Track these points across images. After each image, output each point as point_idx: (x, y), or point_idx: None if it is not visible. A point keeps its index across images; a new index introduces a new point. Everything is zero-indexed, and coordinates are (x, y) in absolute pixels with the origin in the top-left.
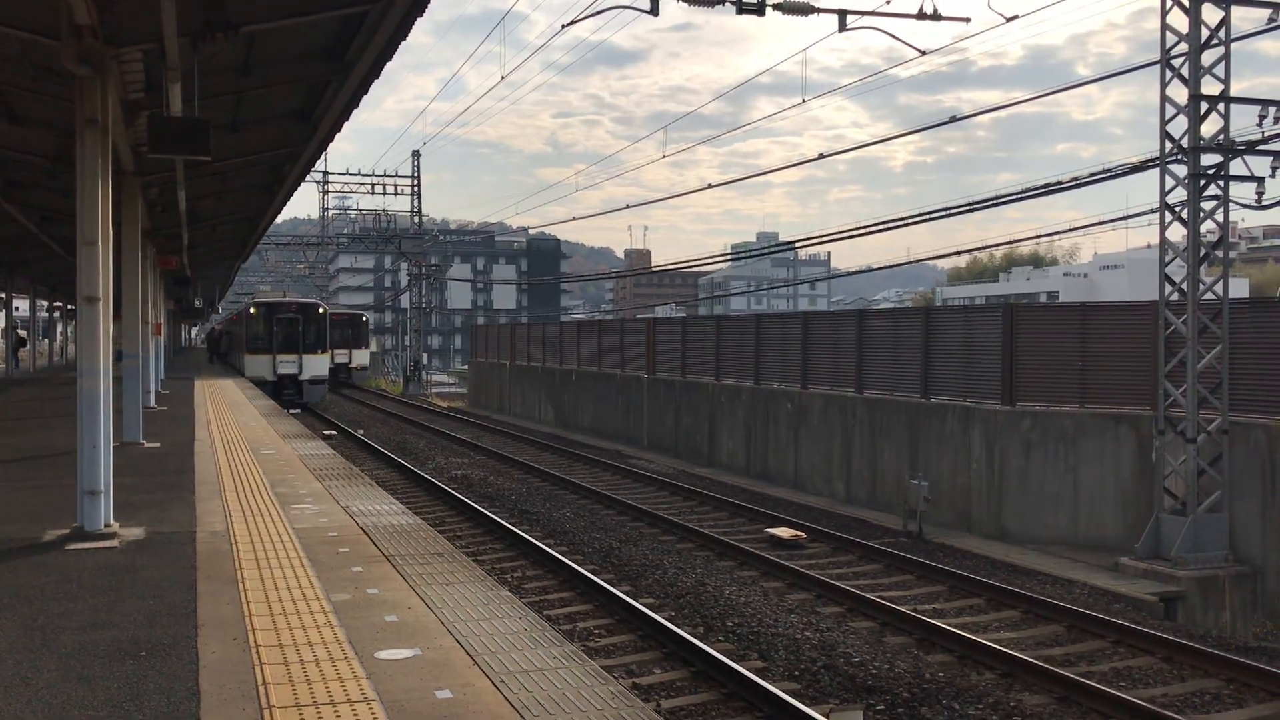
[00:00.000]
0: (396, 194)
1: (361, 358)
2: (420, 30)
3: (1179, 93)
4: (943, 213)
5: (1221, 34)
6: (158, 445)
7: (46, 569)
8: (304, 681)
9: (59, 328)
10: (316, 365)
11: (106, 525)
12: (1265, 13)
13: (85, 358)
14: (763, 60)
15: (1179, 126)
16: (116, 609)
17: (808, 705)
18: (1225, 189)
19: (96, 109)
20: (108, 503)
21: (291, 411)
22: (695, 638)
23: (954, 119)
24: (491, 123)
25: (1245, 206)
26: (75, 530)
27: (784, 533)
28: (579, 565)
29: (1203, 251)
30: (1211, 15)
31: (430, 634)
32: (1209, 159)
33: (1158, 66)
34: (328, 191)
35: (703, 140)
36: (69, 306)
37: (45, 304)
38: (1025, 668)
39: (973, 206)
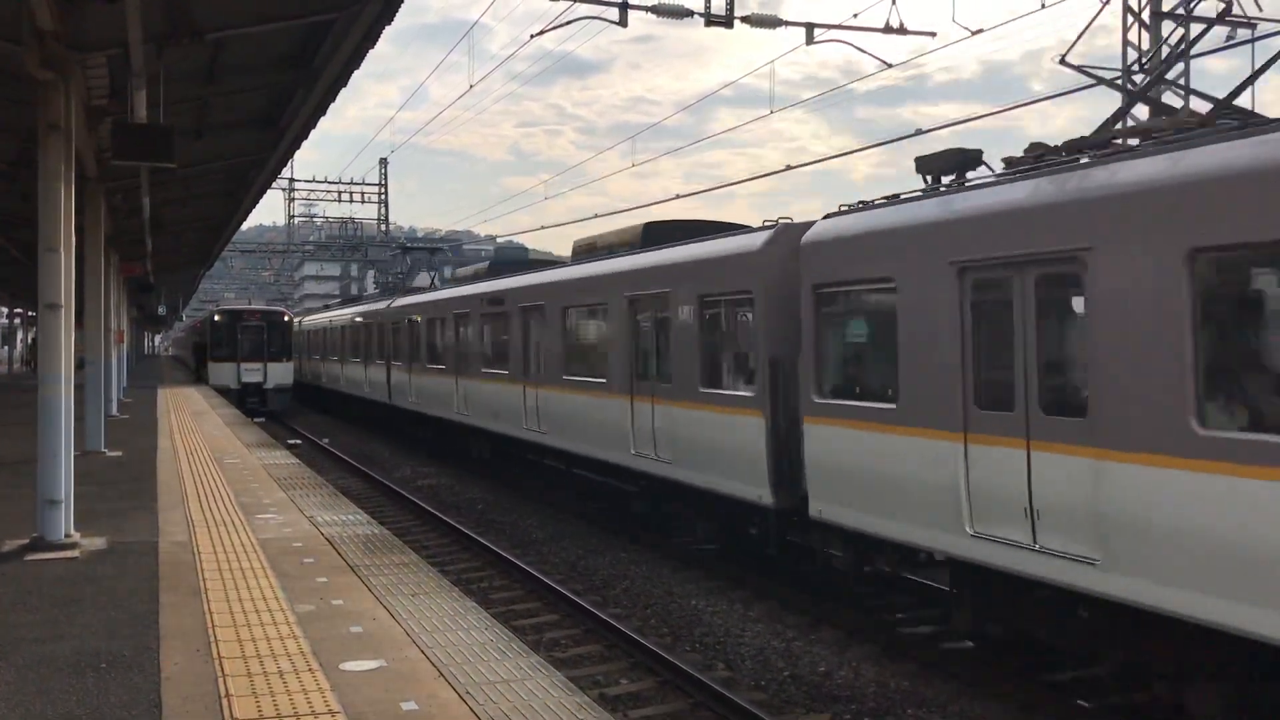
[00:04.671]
0: (363, 201)
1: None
2: (382, 39)
3: (1141, 110)
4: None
5: (1181, 50)
6: (120, 454)
7: (4, 580)
8: (268, 693)
9: (19, 334)
10: (281, 373)
11: (67, 535)
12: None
13: (46, 365)
14: (722, 72)
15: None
16: (77, 620)
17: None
18: None
19: (59, 114)
20: (68, 512)
21: (256, 420)
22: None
23: (919, 132)
24: (454, 132)
25: None
26: (35, 540)
27: None
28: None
29: None
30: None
31: (396, 645)
32: None
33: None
34: (294, 199)
35: (667, 151)
36: (29, 313)
37: (5, 310)
38: None
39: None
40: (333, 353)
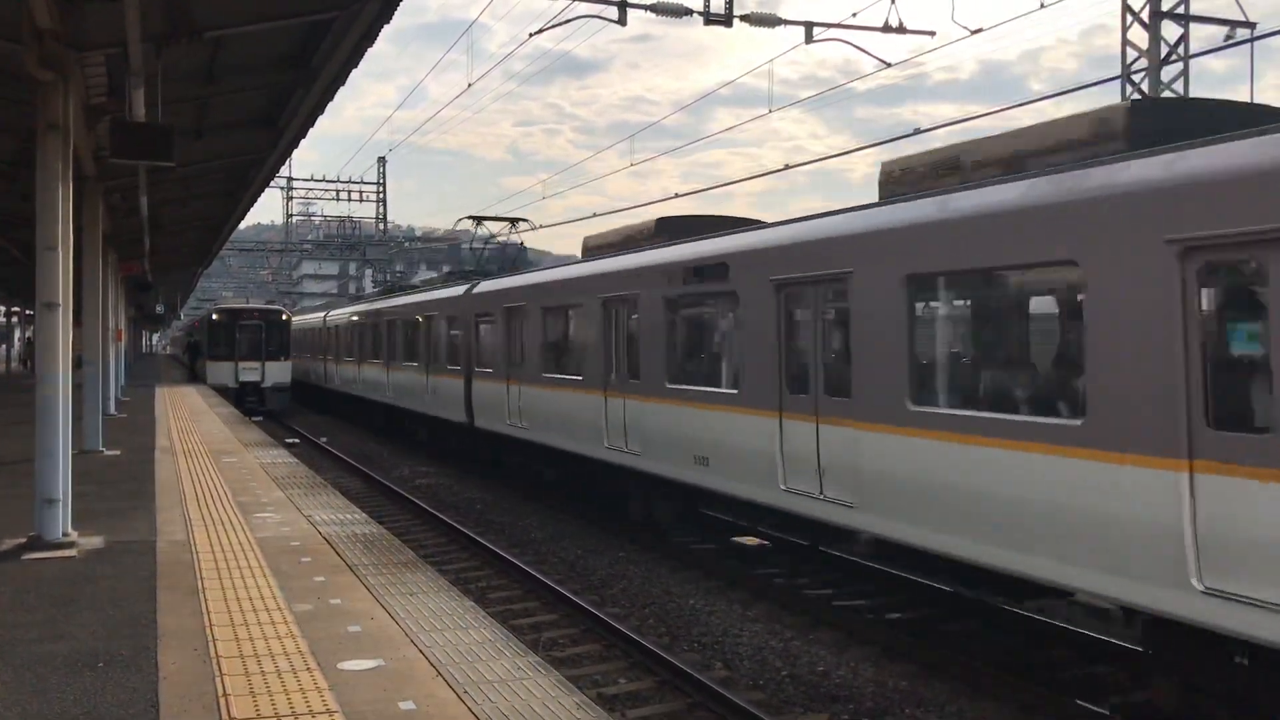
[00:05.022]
0: (361, 200)
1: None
2: (380, 38)
3: None
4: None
5: (1180, 50)
6: (118, 453)
7: (2, 579)
8: (265, 693)
9: (17, 333)
10: (279, 372)
11: (65, 534)
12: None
13: (44, 364)
14: (721, 72)
15: None
16: (74, 620)
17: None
18: None
19: (58, 113)
20: (66, 511)
21: (254, 419)
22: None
23: (918, 131)
24: (453, 131)
25: None
26: (32, 539)
27: None
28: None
29: None
30: (1170, 32)
31: (394, 644)
32: None
33: (1117, 82)
34: (292, 197)
35: (666, 151)
36: (27, 312)
37: (2, 309)
38: None
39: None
40: (377, 354)
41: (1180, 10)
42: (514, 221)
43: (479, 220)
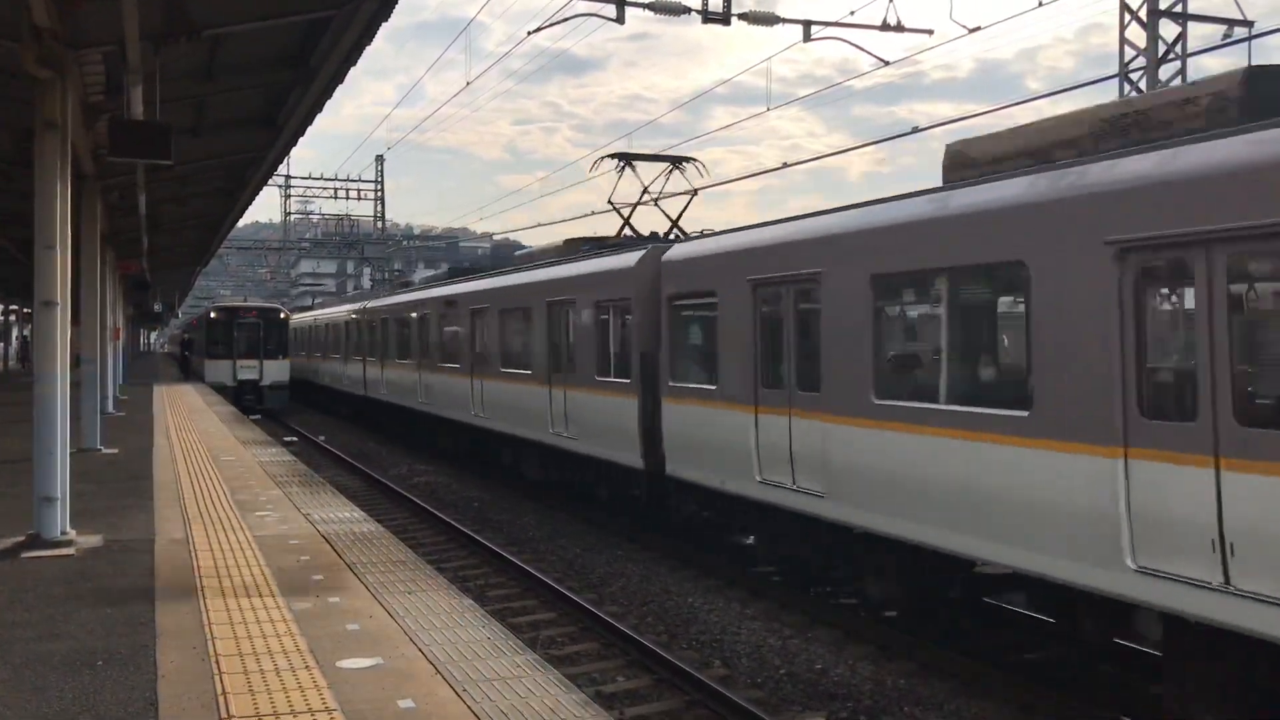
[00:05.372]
0: (359, 199)
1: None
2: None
3: None
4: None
5: (1178, 48)
6: (116, 451)
7: (0, 578)
8: (264, 691)
9: (14, 331)
10: (277, 371)
11: (63, 533)
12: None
13: (42, 363)
14: (719, 71)
15: None
16: (73, 618)
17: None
18: None
19: (56, 112)
20: (64, 510)
21: (252, 418)
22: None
23: (916, 130)
24: (450, 129)
25: None
26: (31, 538)
27: None
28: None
29: None
30: (1168, 31)
31: (393, 642)
32: None
33: (1115, 80)
34: (290, 196)
35: (664, 149)
36: (25, 310)
37: (1, 307)
38: None
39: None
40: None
41: (1178, 9)
42: (677, 162)
43: (627, 161)
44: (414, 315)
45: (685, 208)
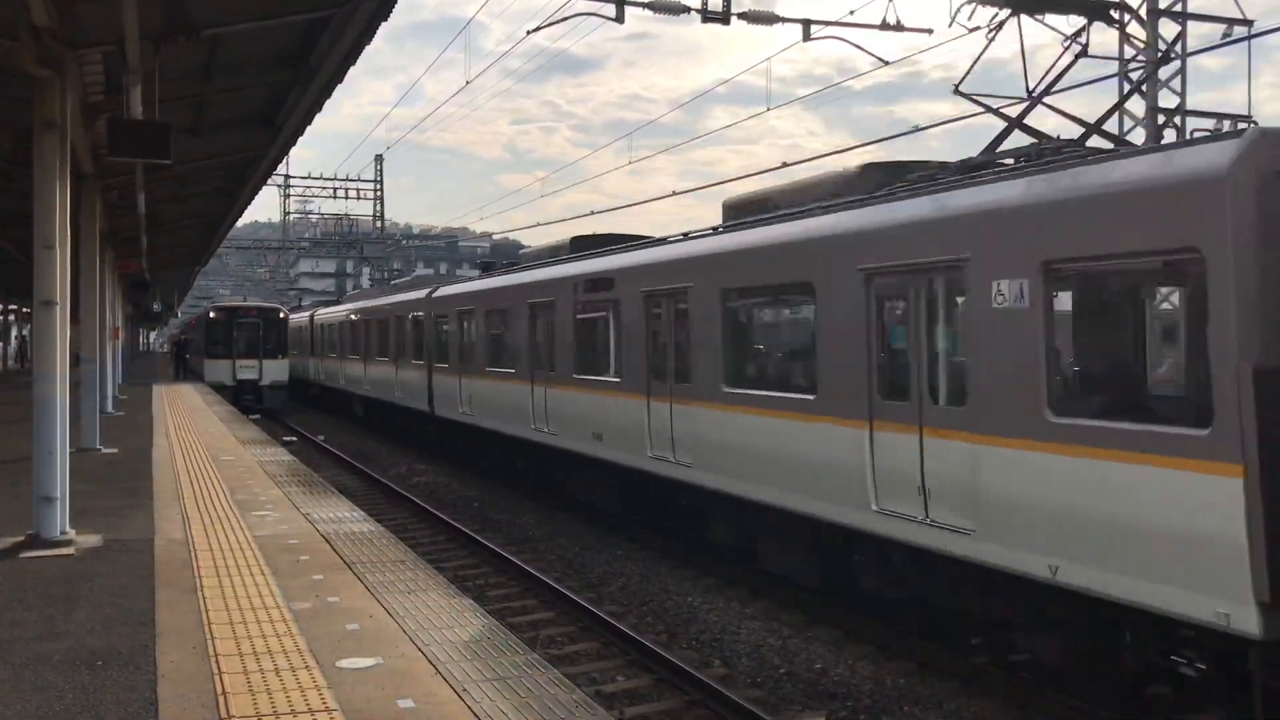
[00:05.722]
0: (359, 198)
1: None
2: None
3: (1136, 106)
4: None
5: (1178, 48)
6: (115, 451)
7: (0, 578)
8: (264, 691)
9: (13, 331)
10: (276, 370)
11: (63, 533)
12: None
13: (42, 362)
14: (718, 70)
15: (1136, 140)
16: (72, 618)
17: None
18: None
19: (55, 111)
20: (64, 510)
21: (251, 417)
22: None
23: (916, 129)
24: (450, 129)
25: None
26: (30, 538)
27: None
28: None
29: None
30: (1168, 30)
31: (392, 642)
32: None
33: (1114, 80)
34: (289, 195)
35: (664, 149)
36: (24, 310)
37: (0, 307)
38: None
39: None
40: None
41: (1178, 8)
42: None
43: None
44: (535, 305)
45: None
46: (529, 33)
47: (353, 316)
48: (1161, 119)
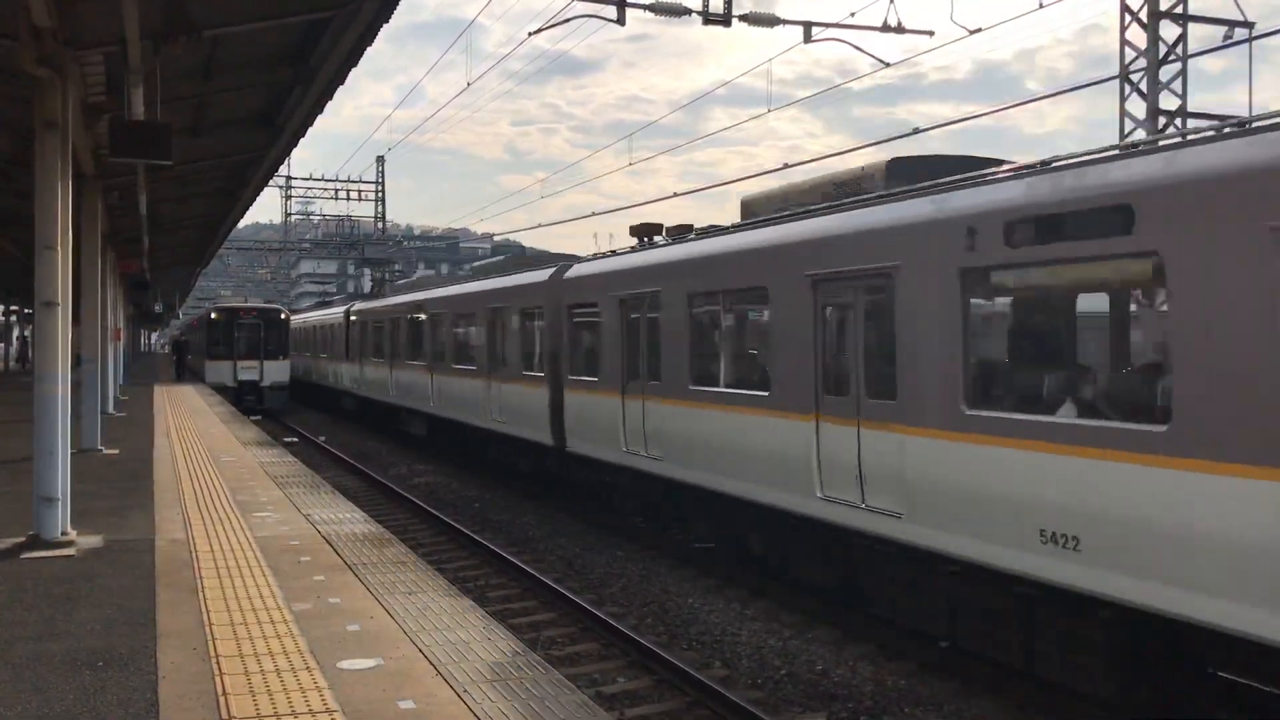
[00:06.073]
0: (360, 199)
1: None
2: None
3: (1137, 108)
4: None
5: (1179, 50)
6: (116, 452)
7: (0, 578)
8: (265, 692)
9: (15, 332)
10: (277, 371)
11: (63, 533)
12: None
13: (43, 363)
14: (718, 72)
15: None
16: (73, 618)
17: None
18: None
19: (56, 111)
20: (65, 510)
21: (252, 418)
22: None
23: (916, 131)
24: (450, 130)
25: None
26: (31, 538)
27: None
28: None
29: None
30: (1169, 32)
31: (393, 643)
32: None
33: (1115, 82)
34: (290, 196)
35: (664, 150)
36: (26, 310)
37: (1, 308)
38: None
39: None
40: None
41: (1178, 10)
42: None
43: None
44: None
45: None
46: (530, 34)
47: (418, 314)
48: (1162, 121)
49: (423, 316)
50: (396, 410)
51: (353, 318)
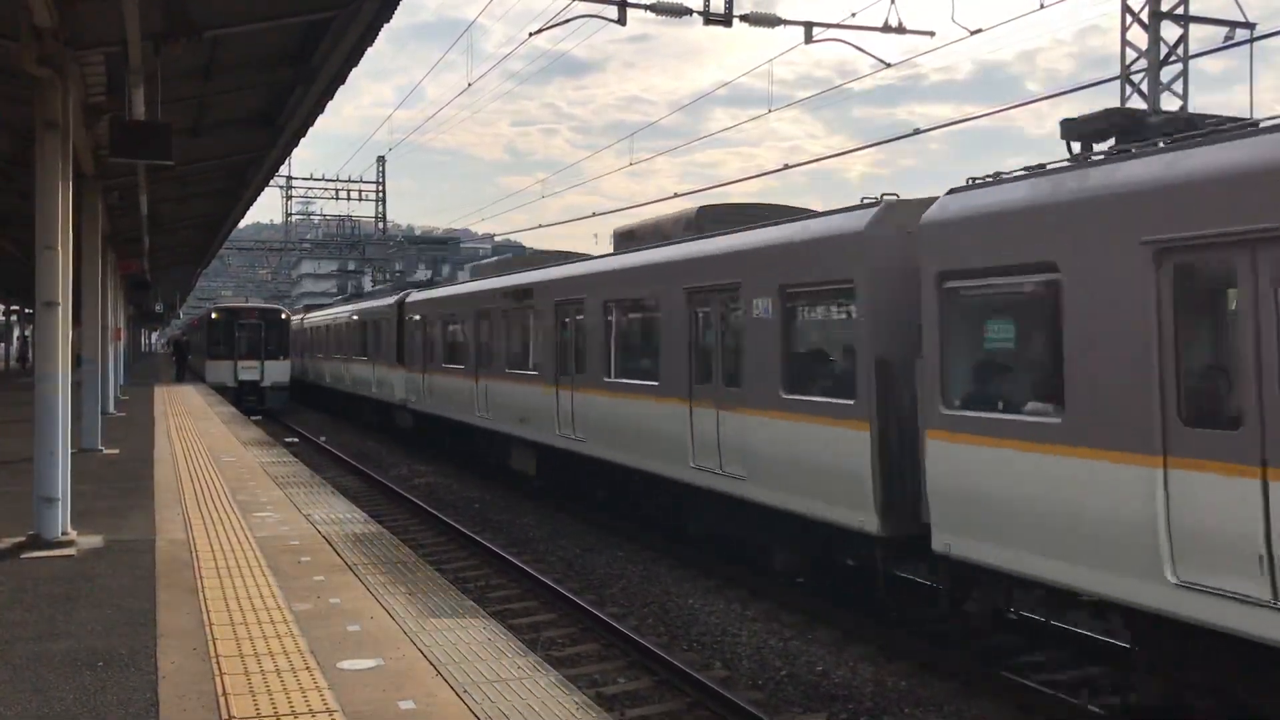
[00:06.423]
0: (360, 199)
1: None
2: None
3: (1137, 108)
4: None
5: (1180, 51)
6: (117, 452)
7: (1, 578)
8: (265, 692)
9: (15, 332)
10: (278, 371)
11: (64, 533)
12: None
13: (43, 363)
14: (718, 72)
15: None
16: (73, 619)
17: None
18: None
19: (57, 112)
20: (65, 510)
21: (253, 418)
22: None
23: (916, 132)
24: (451, 130)
25: None
26: (31, 538)
27: None
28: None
29: None
30: (1169, 33)
31: (393, 643)
32: None
33: (1116, 82)
34: (291, 196)
35: (665, 151)
36: (26, 310)
37: (2, 308)
38: None
39: None
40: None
41: (1179, 11)
42: None
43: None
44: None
45: None
46: (531, 35)
47: (526, 301)
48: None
49: (540, 305)
50: (490, 436)
51: (412, 314)
